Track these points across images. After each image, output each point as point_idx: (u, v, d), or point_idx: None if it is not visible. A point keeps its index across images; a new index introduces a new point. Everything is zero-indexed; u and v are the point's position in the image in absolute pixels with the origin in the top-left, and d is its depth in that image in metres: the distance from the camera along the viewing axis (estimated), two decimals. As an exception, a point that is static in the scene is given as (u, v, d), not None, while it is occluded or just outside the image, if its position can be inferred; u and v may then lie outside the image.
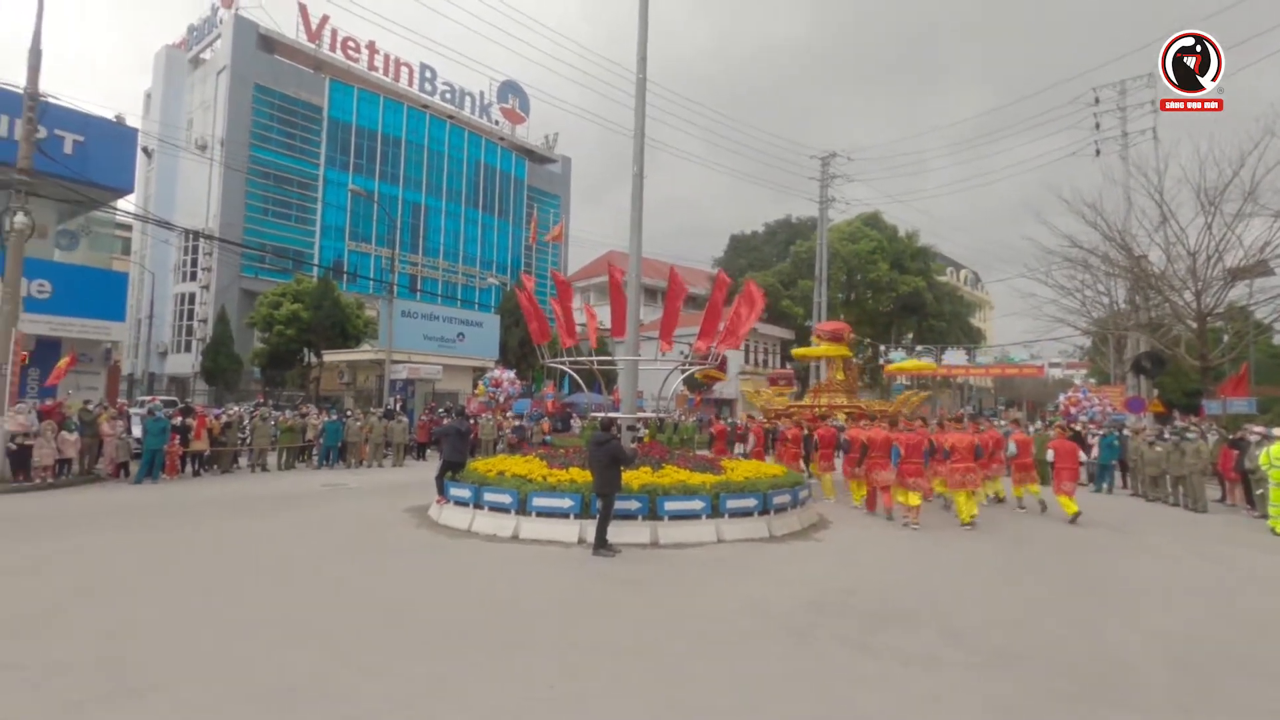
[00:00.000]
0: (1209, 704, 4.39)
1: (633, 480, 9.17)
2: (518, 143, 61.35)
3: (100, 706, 3.92)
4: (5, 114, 16.79)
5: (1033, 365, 43.82)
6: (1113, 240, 25.28)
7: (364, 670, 4.56)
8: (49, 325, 17.58)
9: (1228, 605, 6.93)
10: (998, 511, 12.96)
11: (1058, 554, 9.22)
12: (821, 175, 43.05)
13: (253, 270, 44.11)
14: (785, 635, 5.49)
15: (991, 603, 6.66)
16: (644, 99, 11.77)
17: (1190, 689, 4.62)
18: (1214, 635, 5.83)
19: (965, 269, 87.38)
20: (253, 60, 45.44)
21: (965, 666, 4.88)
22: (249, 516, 10.52)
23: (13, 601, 5.94)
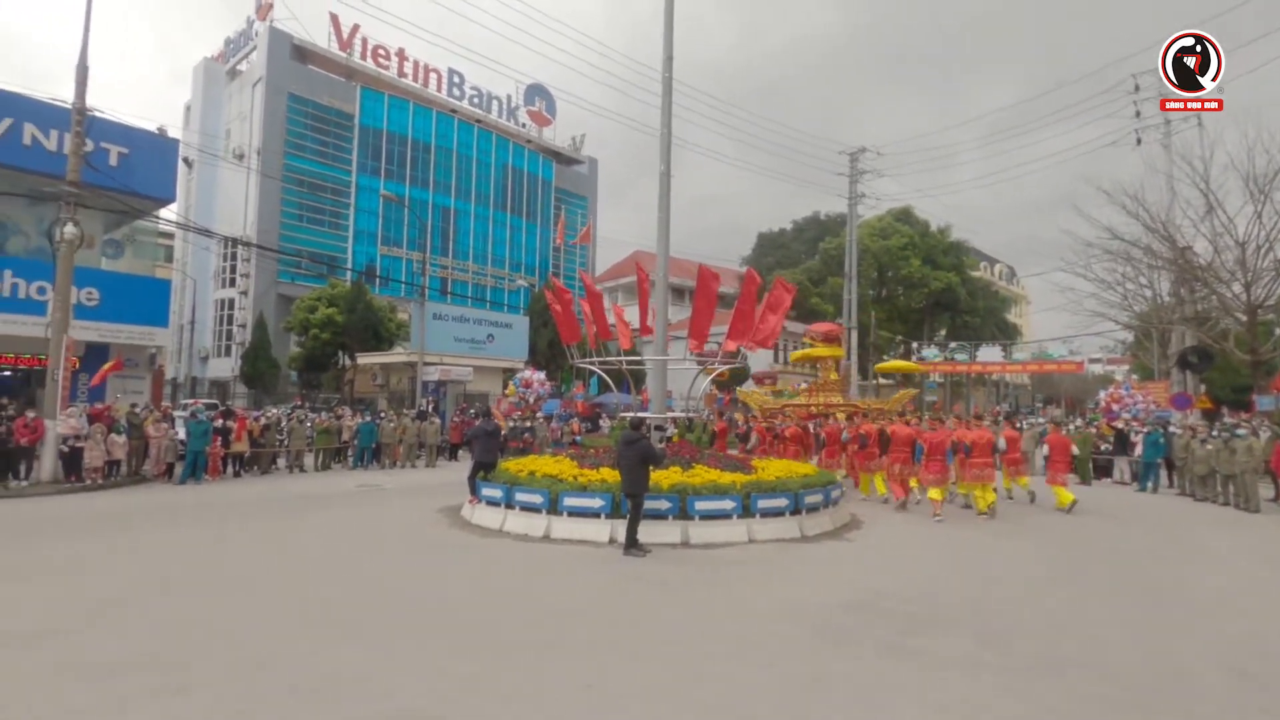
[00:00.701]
0: (1268, 710, 4.22)
1: (663, 480, 9.16)
2: (545, 145, 61.76)
3: (150, 701, 4.03)
4: (55, 129, 17.43)
5: (1071, 361, 42.69)
6: (1156, 231, 24.48)
7: (403, 667, 4.63)
8: (97, 332, 18.21)
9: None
10: (1033, 511, 12.65)
11: (1102, 555, 8.97)
12: (851, 171, 42.45)
13: (289, 275, 45.12)
14: (820, 638, 5.42)
15: (1033, 606, 6.50)
16: (670, 99, 11.75)
17: (1254, 700, 4.43)
18: (1276, 642, 5.60)
19: (1000, 264, 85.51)
20: (287, 70, 46.49)
21: (1007, 671, 4.76)
22: (288, 516, 10.76)
23: (66, 599, 6.15)
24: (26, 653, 4.80)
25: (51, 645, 4.97)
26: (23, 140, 17.37)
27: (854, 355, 41.29)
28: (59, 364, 14.28)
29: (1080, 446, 17.72)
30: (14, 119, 17.29)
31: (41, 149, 17.50)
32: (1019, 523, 11.36)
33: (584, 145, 65.71)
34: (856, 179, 42.51)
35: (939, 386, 57.91)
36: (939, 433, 11.86)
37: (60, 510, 11.17)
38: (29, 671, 4.47)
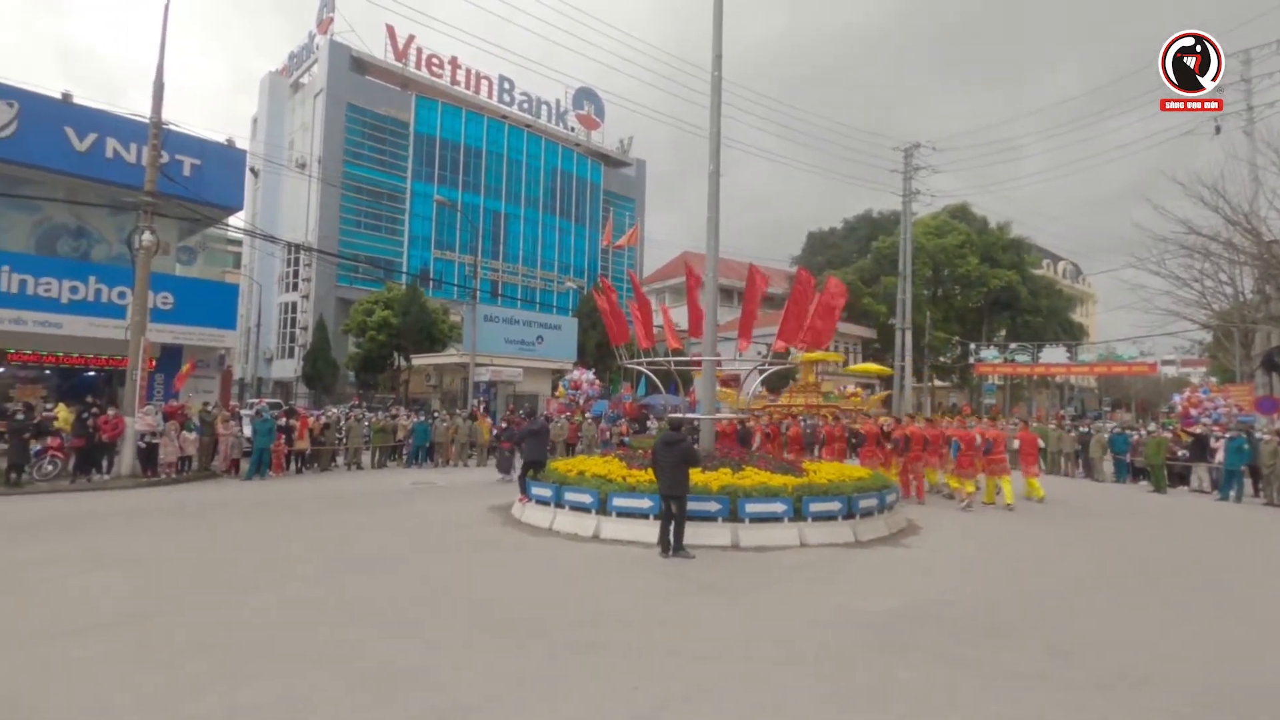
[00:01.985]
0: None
1: (713, 481, 9.08)
2: (593, 148, 62.27)
3: (218, 687, 4.20)
4: (134, 142, 18.47)
5: (1143, 363, 40.51)
6: (1238, 224, 23.04)
7: (453, 663, 4.69)
8: (172, 334, 19.19)
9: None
10: (1095, 517, 12.06)
11: (1176, 566, 8.47)
12: (905, 167, 41.38)
13: (347, 279, 46.70)
14: (876, 646, 5.26)
15: (1105, 617, 6.17)
16: (719, 97, 11.65)
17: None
18: (1375, 664, 5.17)
19: (1064, 261, 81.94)
20: (346, 82, 48.15)
21: (1077, 687, 4.52)
22: (346, 513, 11.09)
23: (143, 588, 6.48)
24: (106, 638, 5.07)
25: (129, 631, 5.23)
26: (105, 154, 18.46)
27: (908, 356, 40.21)
28: (137, 364, 15.09)
29: (1153, 453, 16.84)
30: (98, 134, 18.40)
31: (122, 161, 18.57)
32: (1083, 531, 10.85)
33: (632, 147, 66.00)
34: (911, 175, 41.41)
35: (998, 389, 55.88)
36: (970, 430, 13.35)
37: (138, 503, 11.80)
38: (108, 656, 4.71)
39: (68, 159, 18.02)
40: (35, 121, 17.52)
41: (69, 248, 19.93)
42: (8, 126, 17.16)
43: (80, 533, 9.03)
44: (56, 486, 13.39)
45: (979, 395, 55.09)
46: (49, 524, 9.59)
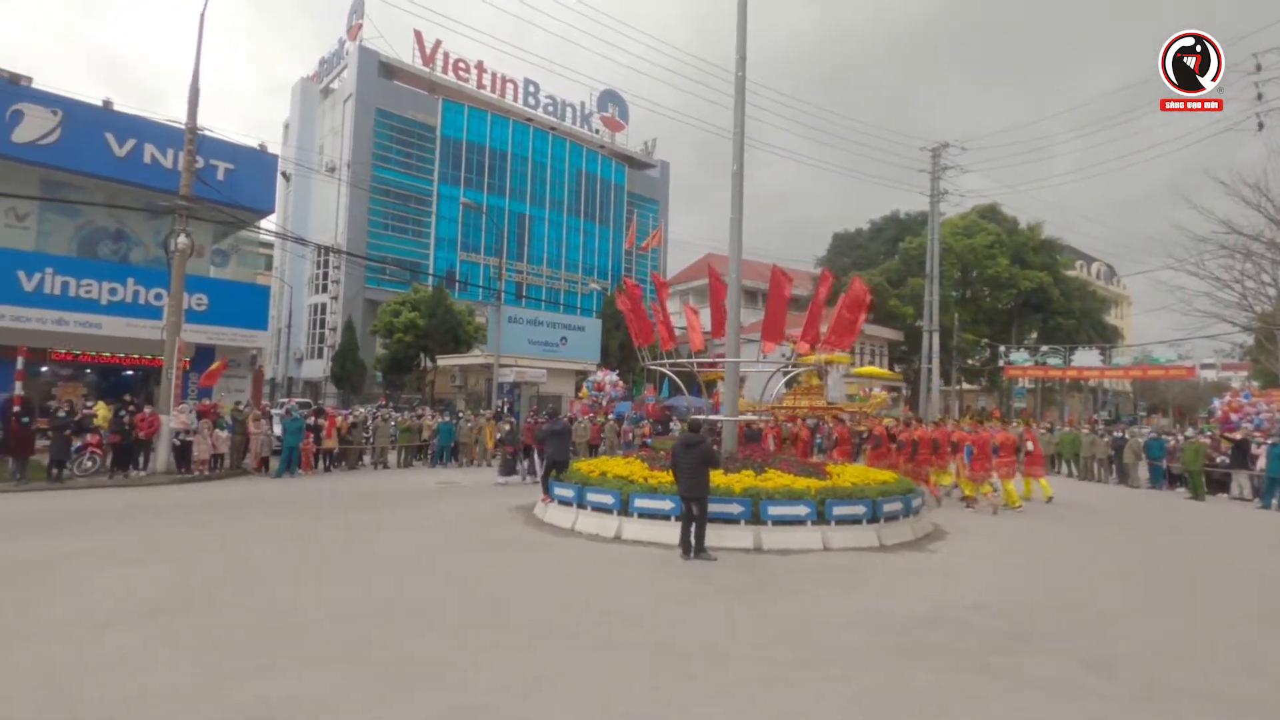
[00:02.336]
0: None
1: (735, 484, 9.03)
2: (617, 150, 62.41)
3: (246, 680, 4.28)
4: (171, 147, 18.94)
5: (1181, 366, 39.37)
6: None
7: (474, 661, 4.73)
8: (205, 335, 19.63)
9: None
10: (1145, 524, 11.76)
11: (1219, 577, 8.22)
12: (932, 167, 40.73)
13: (375, 281, 47.38)
14: (899, 651, 5.18)
15: (1139, 627, 6.01)
16: (743, 97, 11.60)
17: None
18: None
19: (1098, 262, 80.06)
20: (375, 87, 48.89)
21: (1109, 699, 4.40)
22: (372, 511, 11.26)
23: (175, 581, 6.64)
24: (141, 629, 5.20)
25: (162, 623, 5.36)
26: (144, 159, 18.96)
27: (935, 359, 39.61)
28: (173, 364, 15.48)
29: (1191, 458, 16.36)
30: (137, 140, 18.90)
31: (159, 166, 19.05)
32: (1116, 538, 10.59)
33: (656, 149, 66.01)
34: (939, 175, 40.76)
35: (1029, 393, 54.72)
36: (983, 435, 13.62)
37: (172, 498, 12.11)
38: (143, 647, 4.83)
39: (108, 164, 18.54)
40: (77, 128, 18.06)
41: (109, 250, 20.51)
42: (51, 133, 17.71)
43: (117, 527, 9.29)
44: (95, 482, 13.80)
45: (1009, 399, 54.03)
46: (88, 518, 9.88)
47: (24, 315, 17.00)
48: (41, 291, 17.28)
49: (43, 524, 9.34)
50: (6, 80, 17.75)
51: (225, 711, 3.84)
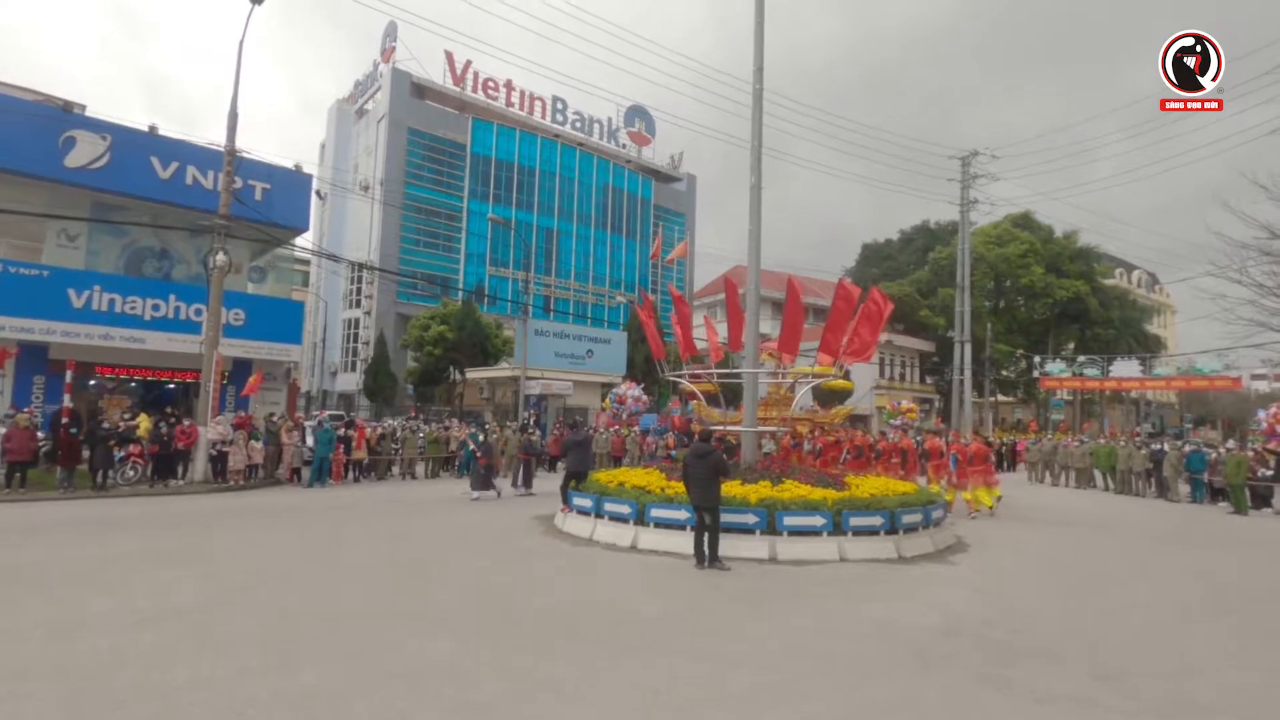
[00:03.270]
0: None
1: (751, 494, 9.05)
2: (644, 164, 62.92)
3: (265, 675, 4.47)
4: (211, 169, 19.75)
5: (1226, 376, 38.04)
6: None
7: (487, 663, 4.85)
8: (242, 349, 20.31)
9: None
10: (1179, 539, 11.42)
11: (1252, 593, 7.97)
12: (962, 176, 40.27)
13: (407, 296, 48.38)
14: (911, 662, 5.16)
15: (1162, 642, 5.88)
16: (760, 109, 11.72)
17: None
18: None
19: (1138, 270, 77.92)
20: (407, 107, 50.20)
21: (1120, 712, 4.34)
22: (398, 520, 11.52)
23: (208, 583, 6.91)
24: (172, 627, 5.45)
25: (193, 621, 5.60)
26: (186, 180, 19.80)
27: (968, 370, 38.92)
28: (210, 377, 16.06)
29: (1232, 472, 15.83)
30: (179, 162, 19.75)
31: (200, 187, 19.86)
32: (1147, 552, 10.31)
33: (682, 162, 66.37)
34: (969, 184, 40.26)
35: (1067, 405, 53.33)
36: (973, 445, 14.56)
37: (209, 506, 12.53)
38: (173, 643, 5.06)
39: (152, 186, 19.40)
40: (124, 152, 18.95)
41: (153, 268, 21.38)
42: (101, 158, 18.62)
43: (157, 533, 9.67)
44: (137, 490, 14.34)
45: (1046, 410, 52.72)
46: (130, 524, 10.29)
47: (74, 331, 17.82)
48: (90, 308, 18.10)
49: (88, 529, 9.77)
50: (60, 109, 18.71)
51: (244, 703, 4.02)
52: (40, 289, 17.60)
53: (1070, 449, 22.18)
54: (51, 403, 17.49)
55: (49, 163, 17.94)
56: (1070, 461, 21.70)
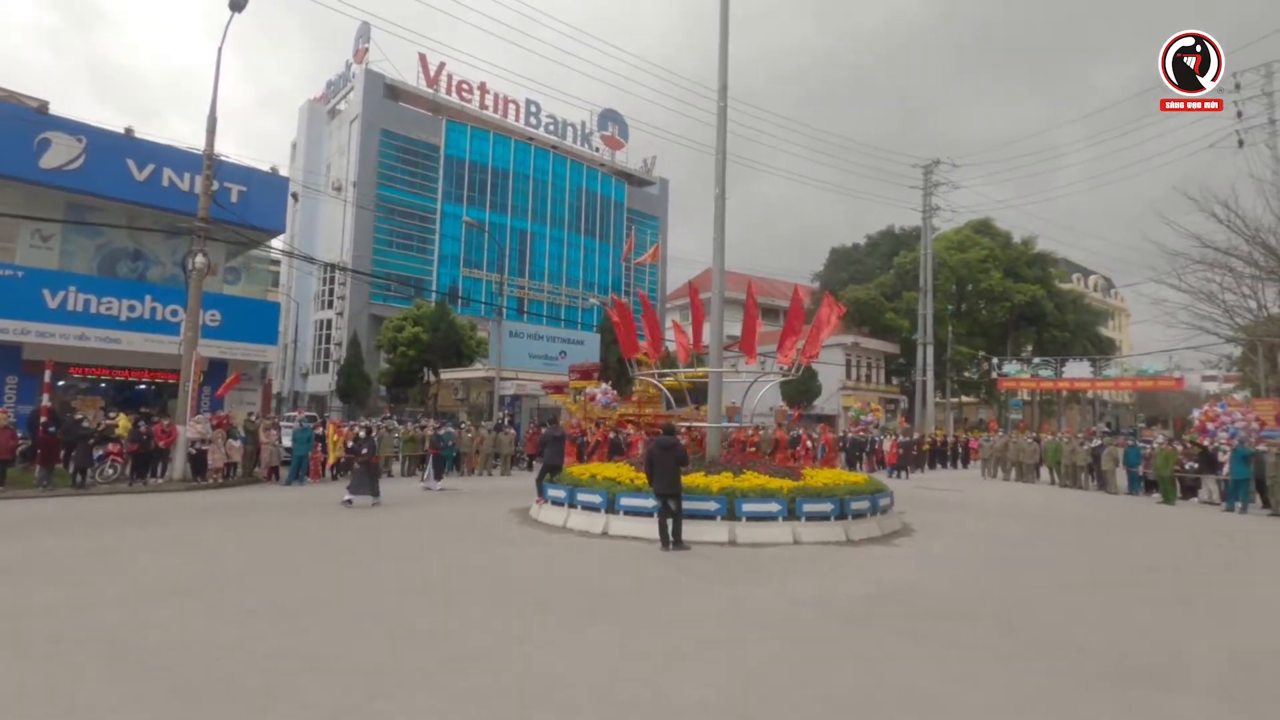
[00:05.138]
0: (1250, 691, 4.47)
1: (713, 483, 9.79)
2: (617, 167, 63.62)
3: (277, 637, 5.07)
4: (187, 171, 19.96)
5: (1170, 377, 40.03)
6: (1256, 240, 23.14)
7: (470, 625, 5.51)
8: (219, 349, 20.50)
9: (1333, 620, 6.61)
10: (1106, 525, 12.46)
11: (1155, 567, 8.96)
12: (924, 184, 41.79)
13: (380, 297, 48.39)
14: (844, 623, 5.94)
15: (1067, 608, 6.72)
16: (725, 124, 12.51)
17: (1238, 680, 4.68)
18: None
19: (1095, 275, 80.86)
20: (380, 108, 50.22)
21: (1013, 654, 5.15)
22: (379, 512, 12.03)
23: (207, 568, 7.43)
24: (183, 602, 5.99)
25: (201, 598, 6.15)
26: (162, 183, 19.96)
27: (930, 371, 40.35)
28: (189, 377, 16.33)
29: (1161, 465, 17.07)
30: (156, 165, 19.91)
31: (176, 189, 20.05)
32: (1075, 536, 11.31)
33: (655, 166, 67.23)
34: (931, 191, 41.80)
35: (1025, 405, 55.33)
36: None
37: (191, 502, 12.90)
38: (188, 615, 5.62)
39: (128, 188, 19.54)
40: (100, 154, 19.07)
41: (128, 269, 21.46)
42: (77, 160, 18.72)
43: (146, 525, 10.09)
44: (116, 488, 14.60)
45: (1006, 410, 54.68)
46: (116, 518, 10.68)
47: (49, 331, 17.92)
48: (65, 309, 18.21)
49: (76, 523, 10.13)
50: (35, 110, 18.77)
51: (259, 656, 4.62)
52: (14, 289, 17.68)
53: (1021, 445, 23.42)
54: (25, 403, 17.57)
55: (23, 163, 18.02)
56: (1021, 457, 22.93)
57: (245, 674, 4.32)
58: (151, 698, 3.93)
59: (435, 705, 3.91)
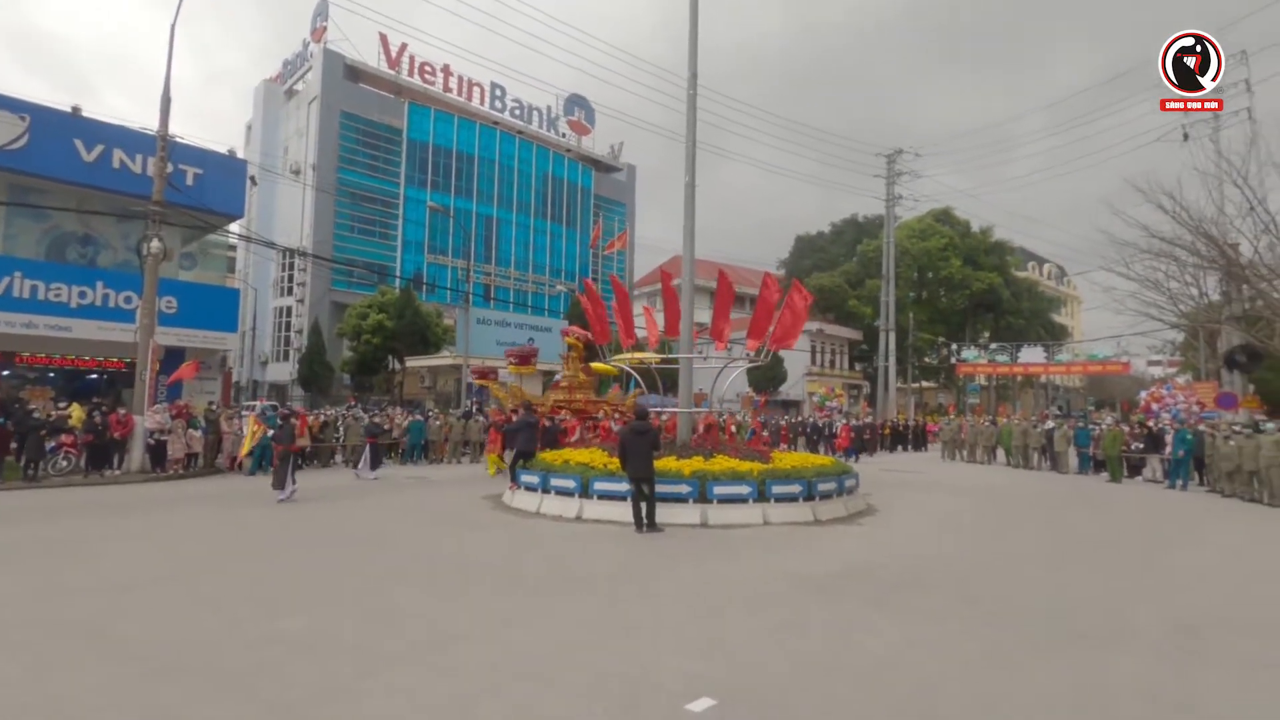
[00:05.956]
0: (1185, 650, 4.82)
1: (684, 467, 9.98)
2: (584, 153, 63.20)
3: (257, 621, 5.07)
4: (139, 153, 19.26)
5: (1117, 362, 41.68)
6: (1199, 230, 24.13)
7: (450, 605, 5.59)
8: (176, 337, 19.94)
9: (1258, 585, 7.10)
10: (1057, 503, 13.05)
11: (1102, 540, 9.45)
12: (888, 173, 42.54)
13: (342, 284, 47.43)
14: (812, 595, 6.17)
15: (1020, 579, 7.09)
16: (694, 113, 12.60)
17: (1175, 641, 5.05)
18: (1226, 606, 6.13)
19: (1049, 263, 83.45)
20: (340, 89, 48.93)
21: (971, 621, 5.45)
22: (348, 500, 11.95)
23: (178, 556, 7.34)
24: (158, 589, 5.93)
25: (176, 585, 6.10)
26: (112, 164, 19.24)
27: (892, 357, 41.30)
28: (146, 365, 15.87)
29: (1109, 445, 17.87)
30: (105, 145, 19.17)
31: (128, 171, 19.35)
32: (1028, 513, 11.83)
33: (623, 152, 66.97)
34: (894, 180, 42.56)
35: (982, 390, 57.06)
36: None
37: (153, 494, 12.61)
38: (164, 601, 5.58)
39: (76, 169, 18.79)
40: (45, 133, 18.28)
41: (77, 254, 20.68)
42: (19, 139, 17.91)
43: (108, 516, 9.86)
44: (70, 481, 14.15)
45: (964, 395, 56.28)
46: (75, 510, 10.40)
47: (-7, 319, 17.22)
48: (11, 295, 17.52)
49: (31, 515, 9.83)
50: (-27, 86, 17.88)
51: (240, 640, 4.64)
52: (-46, 275, 16.94)
53: (978, 428, 24.22)
54: (-30, 394, 16.89)
55: (-40, 143, 17.21)
56: (978, 440, 23.72)
57: (227, 657, 4.35)
58: (133, 681, 3.94)
59: (421, 682, 4.00)
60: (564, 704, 3.74)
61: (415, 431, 19.88)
